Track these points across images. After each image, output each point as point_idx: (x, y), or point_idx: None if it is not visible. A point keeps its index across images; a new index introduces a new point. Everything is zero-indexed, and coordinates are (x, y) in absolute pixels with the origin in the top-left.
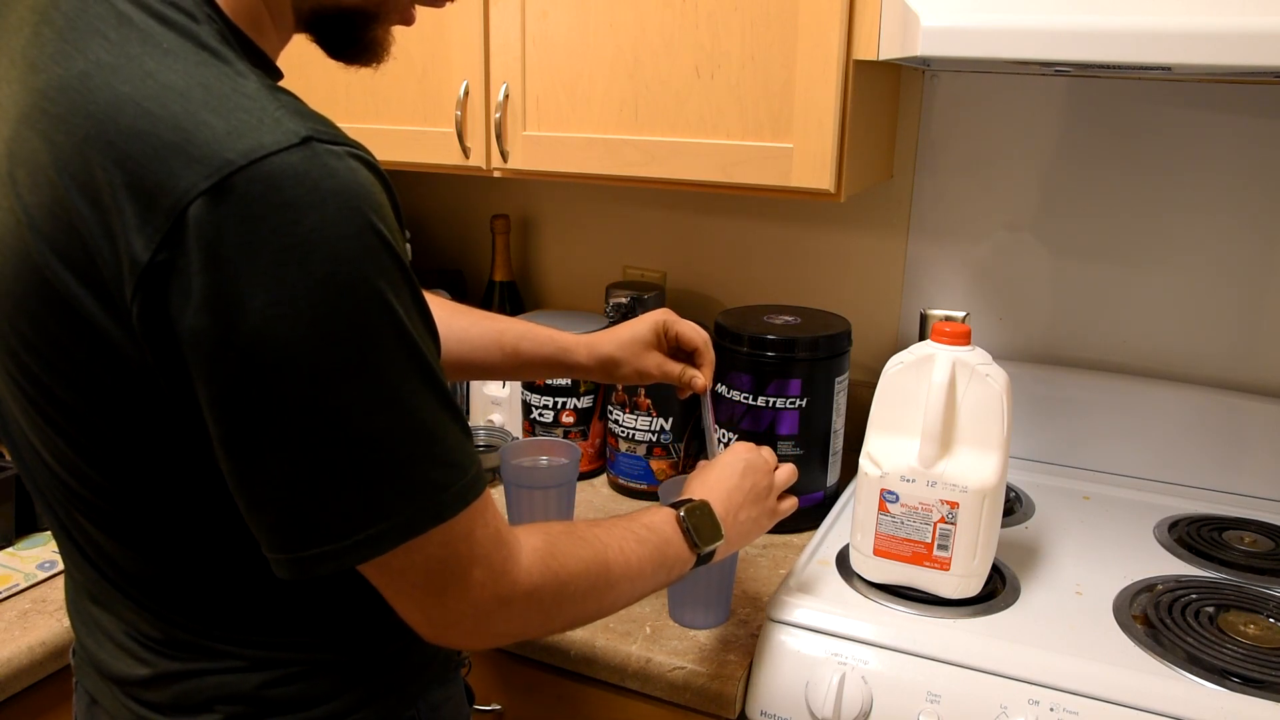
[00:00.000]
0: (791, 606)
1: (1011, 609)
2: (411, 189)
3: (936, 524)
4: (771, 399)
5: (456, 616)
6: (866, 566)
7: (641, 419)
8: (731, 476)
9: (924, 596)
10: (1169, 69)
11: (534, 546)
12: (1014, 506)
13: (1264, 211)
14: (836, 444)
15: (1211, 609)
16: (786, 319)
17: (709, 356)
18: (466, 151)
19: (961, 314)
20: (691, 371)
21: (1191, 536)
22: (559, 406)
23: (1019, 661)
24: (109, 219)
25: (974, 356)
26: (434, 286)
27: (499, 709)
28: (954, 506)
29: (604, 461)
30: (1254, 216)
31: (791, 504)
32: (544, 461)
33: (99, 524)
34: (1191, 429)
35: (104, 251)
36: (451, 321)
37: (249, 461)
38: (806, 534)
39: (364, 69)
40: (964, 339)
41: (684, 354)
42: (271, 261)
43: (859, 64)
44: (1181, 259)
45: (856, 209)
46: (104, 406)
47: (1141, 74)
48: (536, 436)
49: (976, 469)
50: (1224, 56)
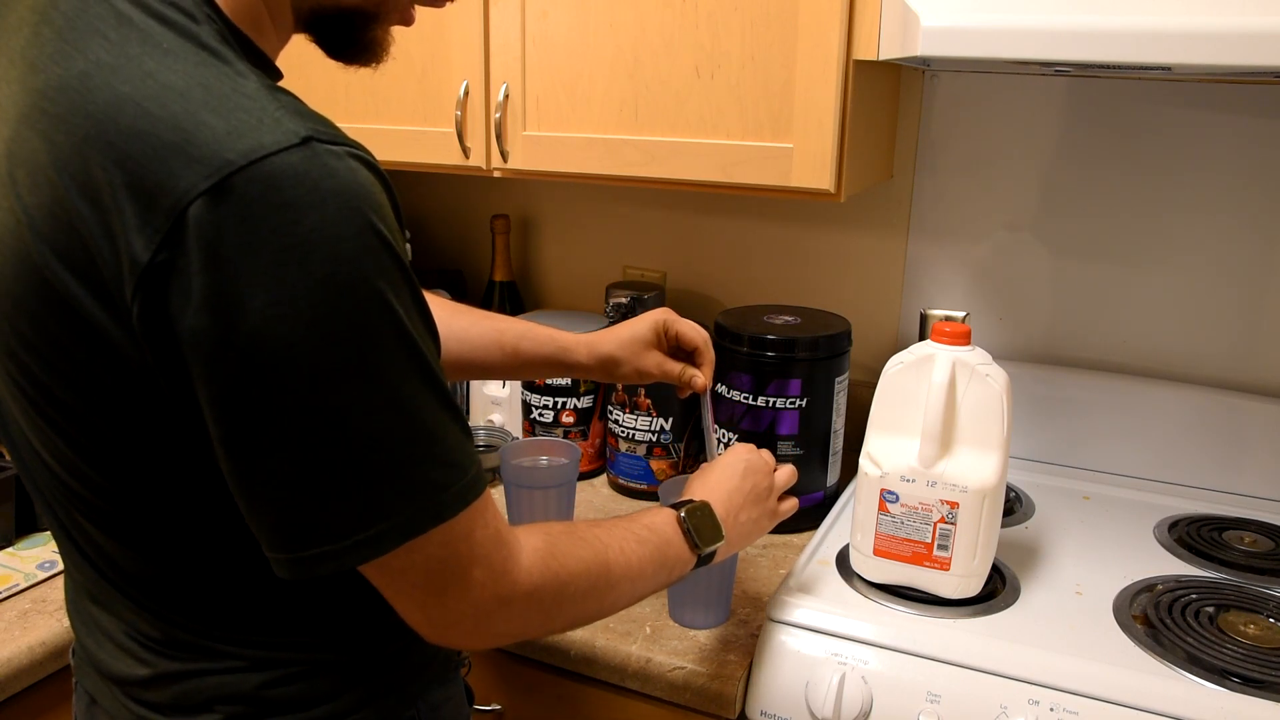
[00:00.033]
0: (791, 606)
1: (1011, 609)
2: (411, 189)
3: (936, 524)
4: (771, 399)
5: (457, 616)
6: (866, 566)
7: (641, 419)
8: (732, 478)
9: (924, 596)
10: (1169, 69)
11: (534, 547)
12: (1014, 506)
13: (1264, 211)
14: (836, 444)
15: (1211, 609)
16: (786, 319)
17: (709, 356)
18: (466, 151)
19: (961, 314)
20: (691, 371)
21: (1191, 536)
22: (559, 406)
23: (1019, 661)
24: (109, 219)
25: (974, 356)
26: (434, 286)
27: (499, 709)
28: (954, 506)
29: (604, 461)
30: (1254, 216)
31: (792, 505)
32: (544, 461)
33: (99, 524)
34: (1191, 429)
35: (104, 252)
36: (451, 321)
37: (249, 461)
38: (806, 534)
39: (364, 69)
40: (964, 339)
41: (684, 354)
42: (271, 261)
43: (859, 64)
44: (1181, 259)
45: (856, 209)
46: (104, 406)
47: (1141, 74)
48: (536, 436)
49: (976, 469)
50: (1224, 56)
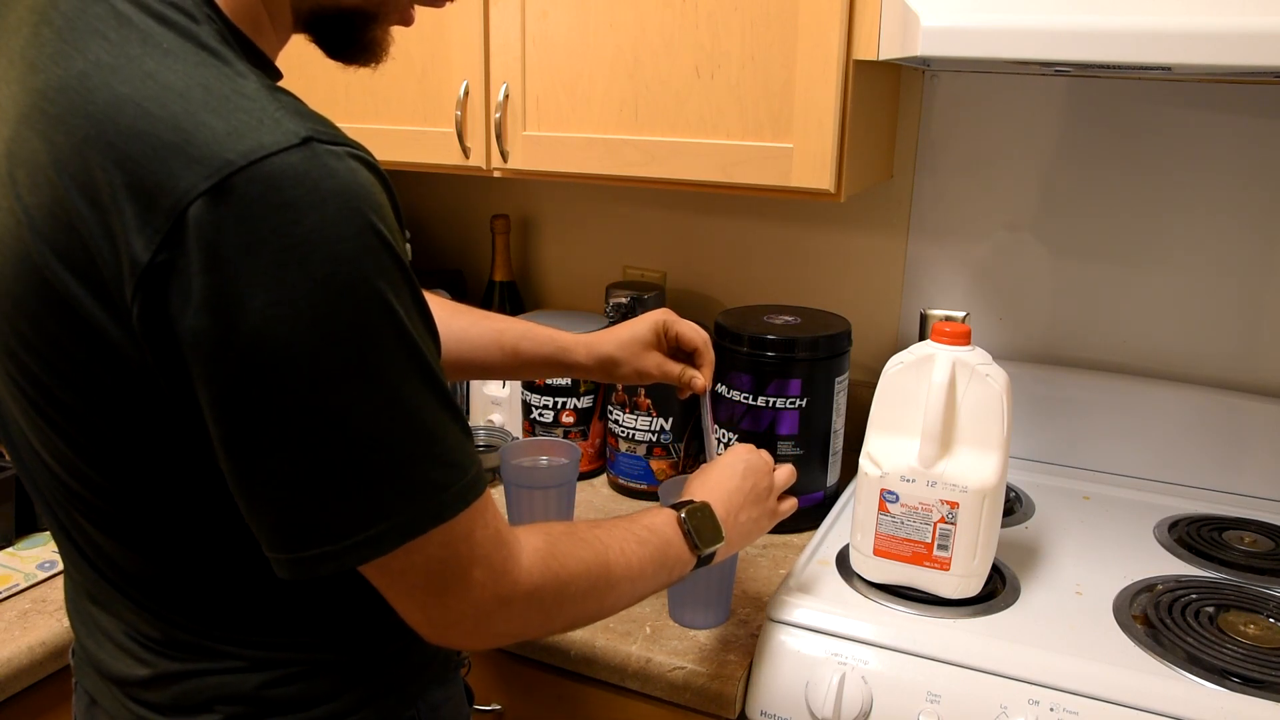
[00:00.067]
0: (791, 606)
1: (1011, 609)
2: (411, 189)
3: (936, 524)
4: (771, 399)
5: (457, 617)
6: (866, 566)
7: (641, 419)
8: (732, 478)
9: (924, 596)
10: (1169, 69)
11: (535, 547)
12: (1014, 506)
13: (1264, 211)
14: (836, 444)
15: (1211, 609)
16: (786, 319)
17: (709, 357)
18: (466, 151)
19: (961, 314)
20: (691, 372)
21: (1191, 536)
22: (559, 406)
23: (1019, 661)
24: (109, 219)
25: (974, 356)
26: (434, 286)
27: (499, 709)
28: (954, 506)
29: (604, 461)
30: (1254, 216)
31: (791, 505)
32: (544, 461)
33: (99, 524)
34: (1191, 429)
35: (104, 252)
36: (451, 321)
37: (249, 462)
38: (806, 534)
39: (363, 69)
40: (964, 339)
41: (684, 354)
42: (271, 262)
43: (859, 64)
44: (1181, 259)
45: (856, 209)
46: (104, 407)
47: (1141, 74)
48: (536, 436)
49: (976, 469)
50: (1224, 56)
